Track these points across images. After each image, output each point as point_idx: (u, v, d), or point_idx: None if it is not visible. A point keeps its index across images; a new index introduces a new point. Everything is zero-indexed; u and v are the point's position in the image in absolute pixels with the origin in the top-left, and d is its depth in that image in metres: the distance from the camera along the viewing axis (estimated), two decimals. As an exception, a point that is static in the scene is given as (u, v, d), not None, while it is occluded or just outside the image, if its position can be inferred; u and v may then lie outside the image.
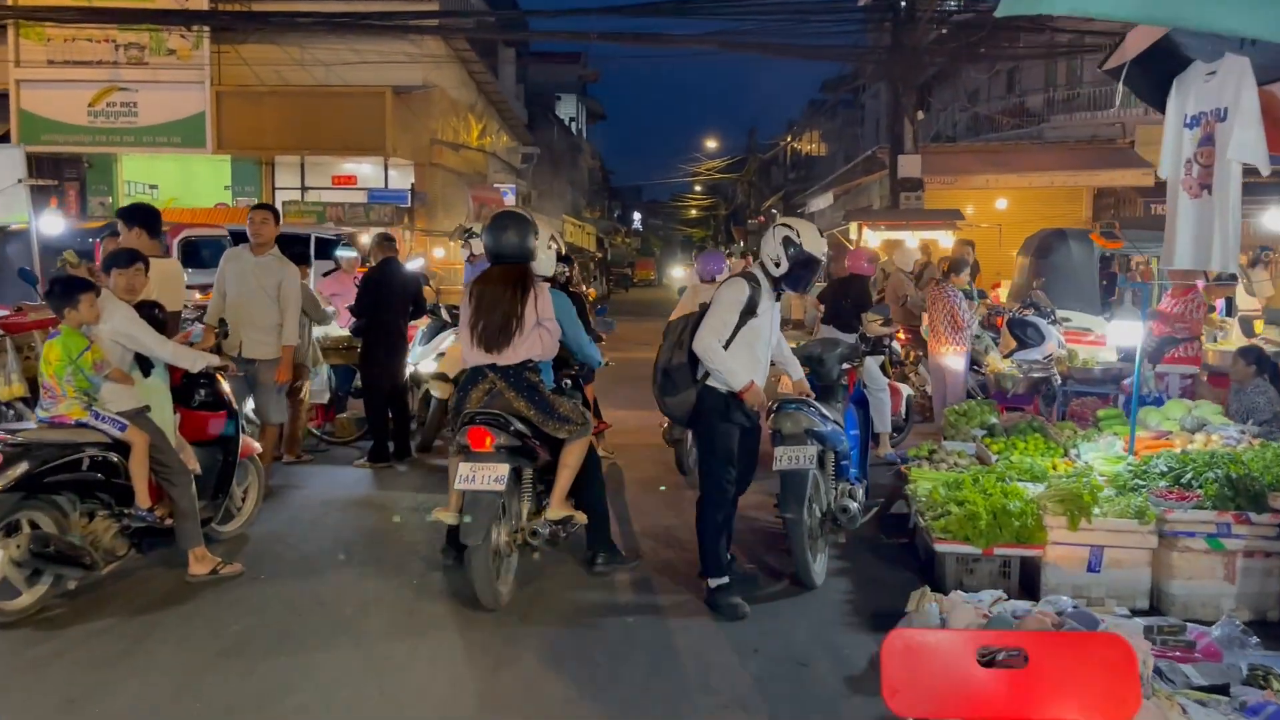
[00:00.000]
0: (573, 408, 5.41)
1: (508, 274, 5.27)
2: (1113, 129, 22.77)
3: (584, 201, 48.30)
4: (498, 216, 5.50)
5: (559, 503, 5.38)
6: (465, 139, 25.55)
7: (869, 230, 18.82)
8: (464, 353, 5.36)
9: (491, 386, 5.23)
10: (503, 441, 5.04)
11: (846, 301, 9.05)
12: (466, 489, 4.95)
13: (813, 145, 48.05)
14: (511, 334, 5.17)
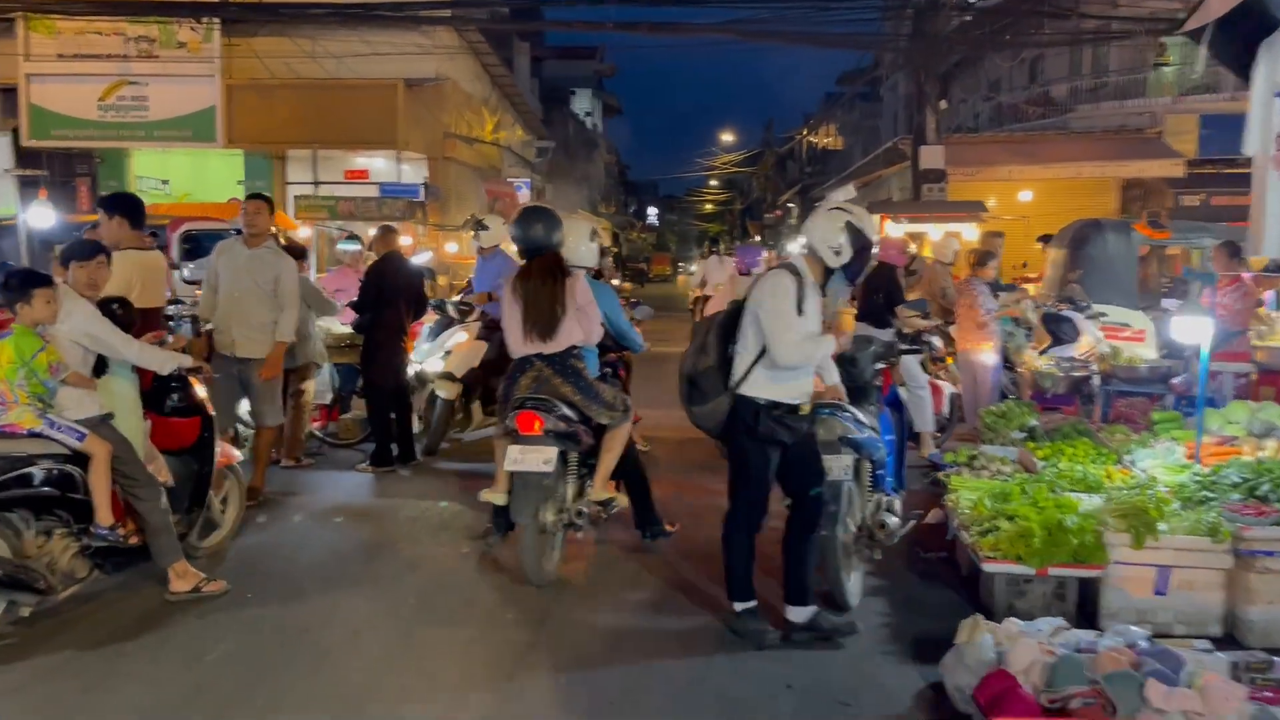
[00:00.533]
0: (614, 394, 5.68)
1: (543, 265, 5.49)
2: (1141, 118, 22.08)
3: (599, 196, 47.75)
4: (525, 213, 5.73)
5: (602, 485, 5.63)
6: (479, 132, 25.02)
7: (891, 222, 18.19)
8: (511, 346, 5.55)
9: (539, 374, 5.44)
10: (550, 425, 5.26)
11: (878, 295, 8.49)
12: (516, 470, 5.20)
13: (829, 139, 47.36)
14: (556, 322, 5.37)
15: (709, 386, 4.73)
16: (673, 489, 7.41)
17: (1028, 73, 26.81)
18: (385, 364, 8.04)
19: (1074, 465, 6.06)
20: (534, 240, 5.58)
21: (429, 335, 8.89)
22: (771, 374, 4.65)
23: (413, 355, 8.68)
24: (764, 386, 4.65)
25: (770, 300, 4.61)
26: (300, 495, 7.33)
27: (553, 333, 5.40)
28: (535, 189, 27.75)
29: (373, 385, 8.12)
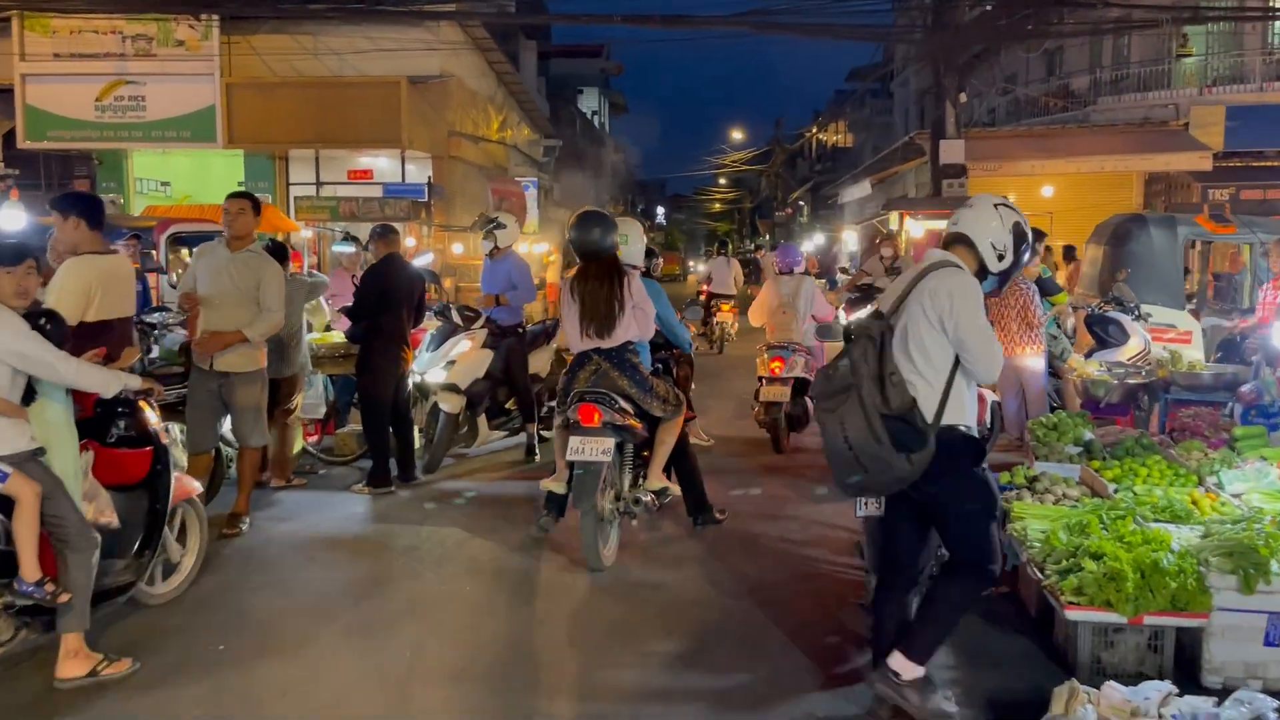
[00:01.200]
0: (668, 389, 5.89)
1: (602, 266, 5.66)
2: (1165, 110, 21.28)
3: (607, 196, 46.98)
4: (582, 217, 5.82)
5: (656, 475, 5.85)
6: (485, 131, 24.33)
7: (910, 220, 17.49)
8: (570, 342, 5.82)
9: (597, 368, 5.62)
10: (608, 418, 5.48)
11: None
12: (577, 460, 5.45)
13: (839, 136, 46.60)
14: (614, 319, 5.56)
15: (918, 421, 3.74)
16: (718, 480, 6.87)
17: (1045, 65, 26.03)
18: (383, 375, 7.36)
19: (1152, 489, 5.34)
20: (591, 244, 5.71)
21: (431, 344, 8.20)
22: (966, 394, 3.93)
23: (413, 365, 7.99)
24: (961, 410, 3.90)
25: (966, 306, 3.85)
26: (287, 522, 6.64)
27: (610, 329, 5.60)
28: (543, 188, 27.04)
29: (369, 398, 7.43)
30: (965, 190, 19.04)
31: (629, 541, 6.11)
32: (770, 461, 8.58)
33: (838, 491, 4.27)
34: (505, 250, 8.45)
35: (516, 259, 8.52)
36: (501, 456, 8.61)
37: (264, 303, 6.28)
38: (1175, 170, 20.51)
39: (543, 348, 8.88)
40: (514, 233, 8.44)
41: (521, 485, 7.64)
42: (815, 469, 8.45)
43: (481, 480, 7.83)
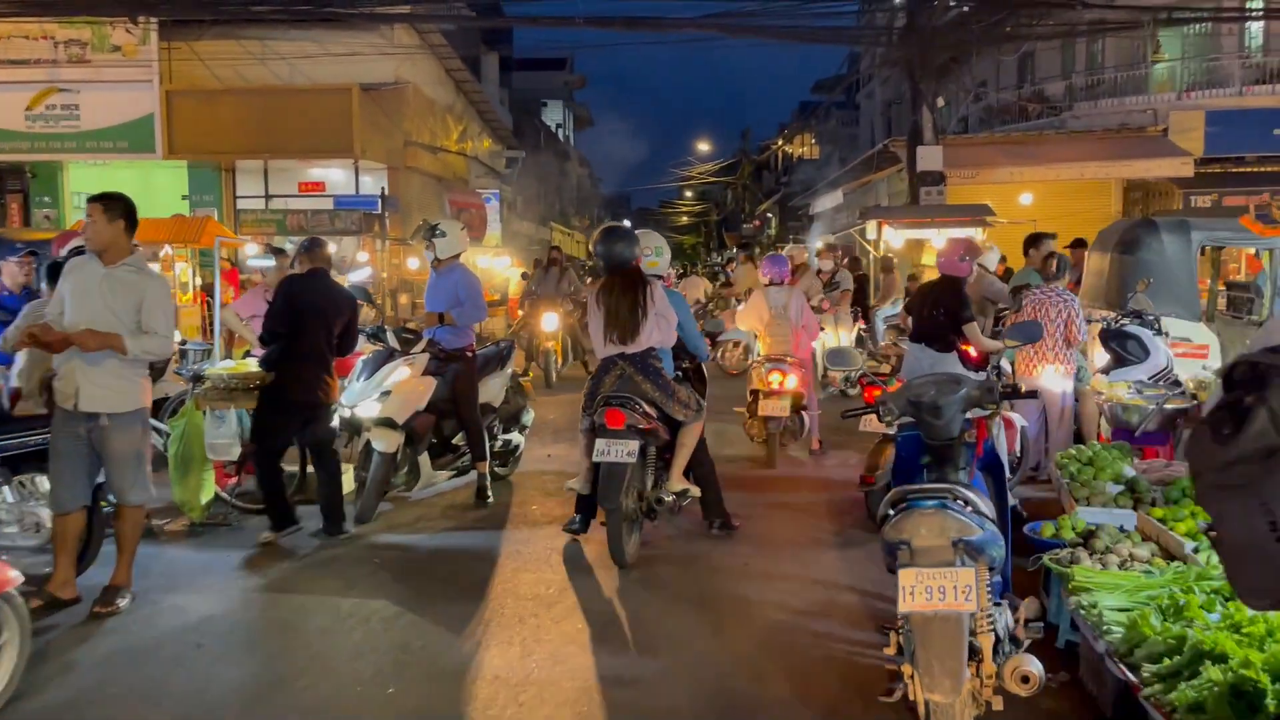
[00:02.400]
0: (689, 394, 6.13)
1: (627, 277, 5.89)
2: (1144, 115, 20.46)
3: (573, 209, 45.87)
4: (606, 232, 6.07)
5: (677, 477, 6.05)
6: (443, 141, 23.11)
7: (889, 229, 16.44)
8: (596, 348, 6.05)
9: (622, 372, 5.82)
10: (631, 421, 5.66)
11: (939, 311, 6.71)
12: (603, 461, 5.60)
13: (806, 148, 45.78)
14: (638, 325, 5.79)
15: None
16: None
17: (1016, 72, 25.21)
18: (295, 408, 6.17)
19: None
20: (616, 256, 5.91)
21: (363, 371, 6.98)
22: None
23: (342, 397, 6.78)
24: None
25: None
26: (177, 593, 5.38)
27: (634, 335, 5.81)
28: (505, 201, 25.84)
29: (268, 430, 6.24)
30: (944, 198, 18.07)
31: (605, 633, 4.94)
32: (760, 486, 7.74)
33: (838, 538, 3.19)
34: (450, 261, 7.29)
35: (464, 272, 7.35)
36: (449, 499, 7.40)
37: (148, 326, 5.07)
38: (1156, 177, 19.70)
39: (496, 373, 7.70)
40: (457, 241, 7.28)
41: (470, 538, 6.45)
42: (810, 496, 7.37)
43: (423, 532, 6.62)
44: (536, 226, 31.45)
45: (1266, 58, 20.76)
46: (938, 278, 6.96)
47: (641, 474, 5.93)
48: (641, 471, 5.93)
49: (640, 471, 5.91)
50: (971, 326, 6.69)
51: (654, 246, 6.53)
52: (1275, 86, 19.93)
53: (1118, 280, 8.93)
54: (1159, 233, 9.01)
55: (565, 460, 8.48)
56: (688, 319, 6.40)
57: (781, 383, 8.20)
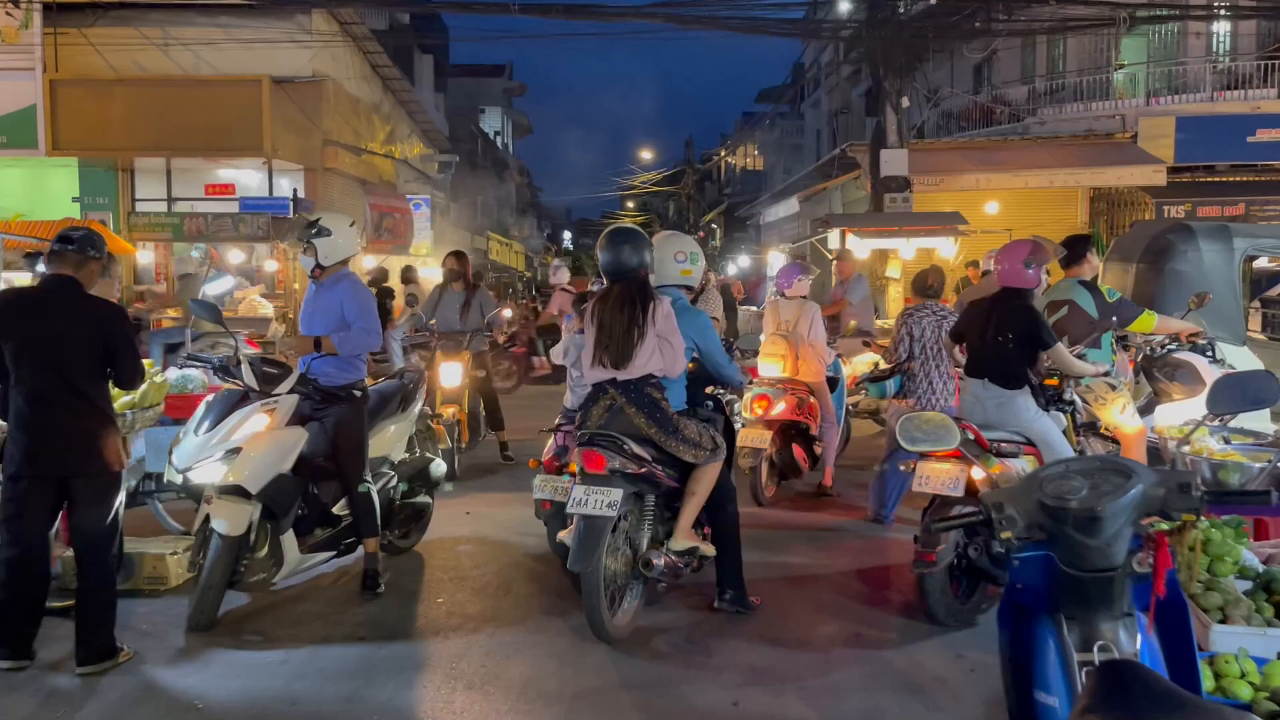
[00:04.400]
0: (699, 430, 4.88)
1: (626, 289, 4.79)
2: (1111, 122, 19.19)
3: (512, 219, 43.87)
4: (610, 235, 4.87)
5: (684, 533, 4.86)
6: (369, 143, 21.05)
7: (854, 237, 14.84)
8: (586, 371, 4.90)
9: (612, 402, 4.77)
10: (617, 465, 4.59)
11: (1006, 336, 4.99)
12: (578, 513, 4.56)
13: (750, 159, 44.38)
14: (632, 347, 4.70)
15: None
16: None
17: (973, 78, 23.89)
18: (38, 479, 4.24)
19: None
20: (619, 265, 4.81)
21: (204, 419, 5.03)
22: None
23: (173, 456, 4.85)
24: None
25: None
26: None
27: (627, 358, 4.71)
28: (436, 207, 23.80)
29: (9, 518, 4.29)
30: (910, 205, 16.57)
31: None
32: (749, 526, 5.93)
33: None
34: (335, 270, 5.40)
35: (352, 284, 5.46)
36: (327, 587, 5.48)
37: None
38: (1128, 185, 18.40)
39: (396, 416, 5.81)
40: (345, 243, 5.40)
41: (346, 659, 4.52)
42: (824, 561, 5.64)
43: (280, 644, 4.69)
44: (472, 235, 29.44)
45: (1235, 61, 19.65)
46: (995, 292, 5.25)
47: (639, 528, 4.86)
48: (639, 525, 4.86)
49: (636, 524, 4.84)
50: (1059, 351, 5.06)
51: (686, 252, 5.18)
52: (1247, 92, 18.79)
53: (1148, 295, 7.32)
54: (1196, 240, 7.45)
55: (492, 520, 6.63)
56: (709, 342, 5.08)
57: (765, 409, 7.02)
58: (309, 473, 5.12)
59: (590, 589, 4.52)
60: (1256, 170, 18.71)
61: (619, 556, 4.75)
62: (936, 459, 4.88)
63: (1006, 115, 20.91)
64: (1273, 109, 18.36)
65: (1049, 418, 5.15)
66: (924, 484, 4.85)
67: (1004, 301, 5.14)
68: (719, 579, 5.07)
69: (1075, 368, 5.20)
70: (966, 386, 5.28)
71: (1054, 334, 5.15)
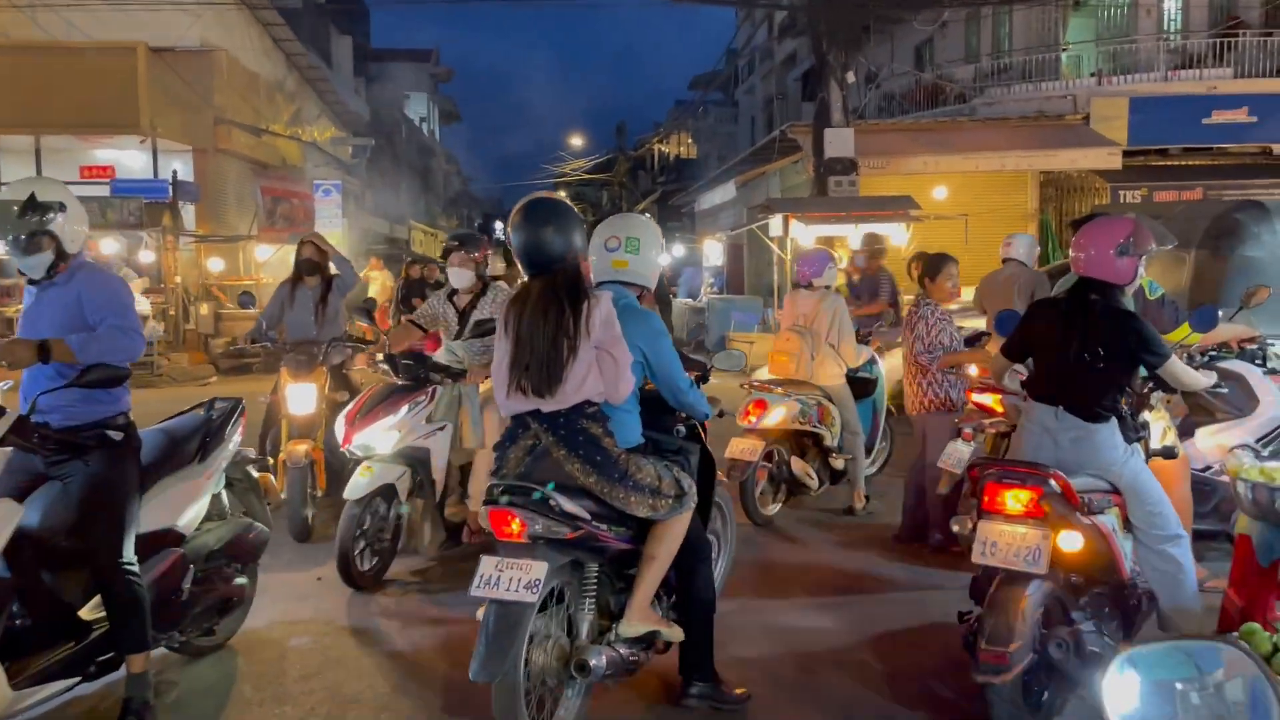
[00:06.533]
0: (659, 472, 3.45)
1: (550, 286, 3.37)
2: (1063, 102, 17.95)
3: (439, 209, 41.72)
4: (528, 208, 3.40)
5: (639, 612, 3.47)
6: (270, 123, 19.00)
7: (799, 223, 13.32)
8: (499, 400, 3.46)
9: (535, 443, 3.37)
10: (540, 529, 3.22)
11: (1096, 351, 3.43)
12: (487, 596, 3.17)
13: (684, 147, 42.82)
14: (560, 365, 3.29)
15: None
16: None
17: (914, 57, 22.56)
18: None
19: None
20: (544, 251, 3.36)
21: None
22: None
23: None
24: None
25: None
26: None
27: (553, 381, 3.30)
28: (350, 194, 21.79)
29: None
30: (856, 189, 15.10)
31: None
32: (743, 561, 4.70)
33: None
34: (73, 262, 3.60)
35: (92, 274, 3.63)
36: None
37: None
38: (1081, 169, 17.18)
39: (190, 469, 4.01)
40: (83, 219, 3.63)
41: None
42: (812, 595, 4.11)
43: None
44: (393, 225, 27.41)
45: (1187, 39, 18.56)
46: (1070, 289, 3.67)
47: (576, 605, 3.47)
48: (576, 602, 3.46)
49: (575, 601, 3.45)
50: (1174, 365, 3.64)
51: (621, 237, 3.70)
52: (1202, 72, 17.68)
53: (1211, 289, 5.84)
54: (1271, 220, 5.99)
55: (349, 593, 4.91)
56: (662, 355, 3.60)
57: (759, 416, 6.00)
58: (37, 560, 3.36)
59: (504, 707, 3.13)
60: (1212, 153, 17.64)
61: (550, 649, 3.35)
62: (1008, 518, 3.34)
63: (952, 96, 19.56)
64: (1229, 89, 17.28)
65: (1139, 457, 3.65)
66: (989, 554, 3.33)
67: (1087, 303, 3.57)
68: (683, 665, 3.71)
69: (1192, 380, 3.71)
70: (1030, 414, 3.71)
71: (1169, 349, 3.60)
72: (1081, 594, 3.61)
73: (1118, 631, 3.66)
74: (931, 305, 5.70)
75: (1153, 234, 3.64)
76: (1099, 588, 3.63)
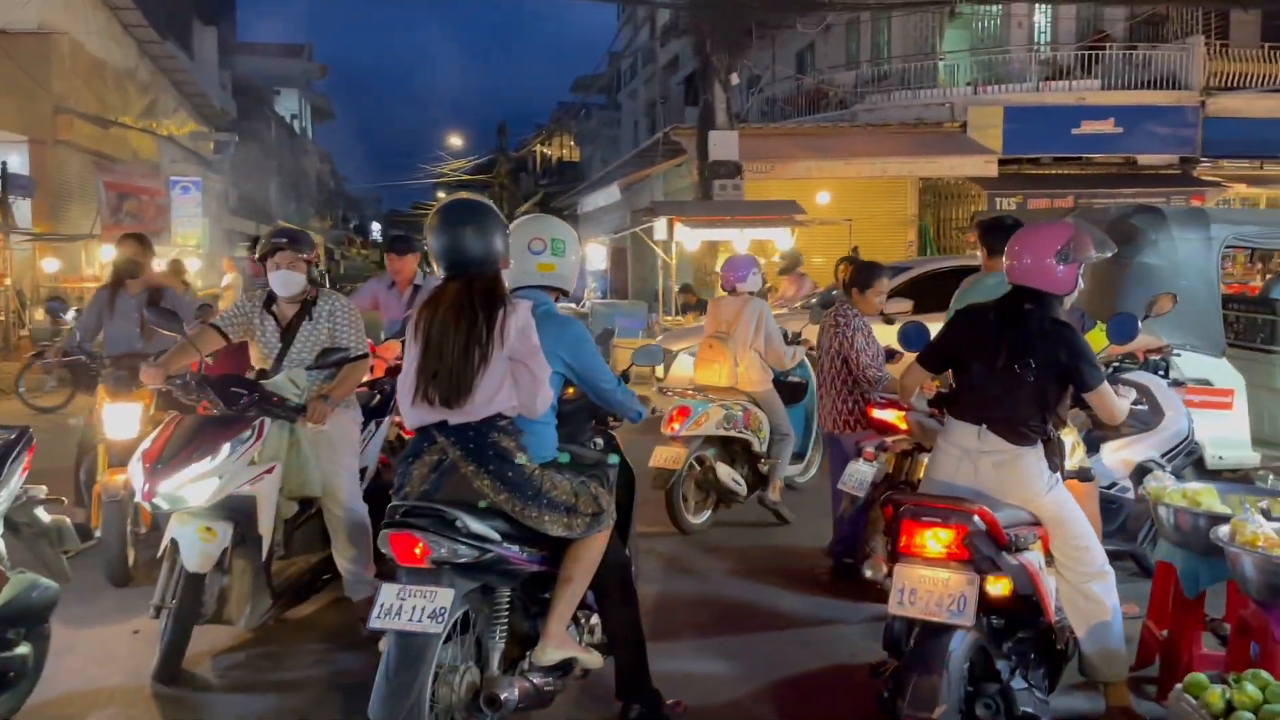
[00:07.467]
0: (575, 489, 3.24)
1: (465, 290, 3.16)
2: (941, 110, 18.14)
3: (312, 209, 40.11)
4: (447, 210, 3.23)
5: (554, 638, 3.24)
6: (119, 114, 17.65)
7: (683, 227, 12.93)
8: (405, 411, 3.25)
9: (441, 459, 3.16)
10: (445, 553, 2.97)
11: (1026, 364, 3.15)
12: (388, 628, 2.94)
13: (566, 150, 42.30)
14: (471, 375, 3.09)
15: None
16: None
17: (794, 64, 22.57)
18: None
19: None
20: (464, 254, 3.16)
21: None
22: None
23: None
24: None
25: None
26: None
27: (463, 391, 3.10)
28: (211, 192, 20.48)
29: None
30: (740, 193, 14.85)
31: None
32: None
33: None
34: None
35: None
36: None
37: None
38: (958, 176, 17.39)
39: None
40: None
41: None
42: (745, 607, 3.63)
43: None
44: (260, 225, 26.03)
45: (1056, 51, 19.01)
46: (1007, 293, 3.29)
47: (490, 636, 3.22)
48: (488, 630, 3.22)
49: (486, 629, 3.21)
50: (1105, 393, 3.27)
51: (546, 238, 3.51)
52: (1072, 83, 18.10)
53: (1109, 297, 5.62)
54: (1168, 226, 5.83)
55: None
56: (585, 358, 3.45)
57: (682, 422, 5.89)
58: None
59: None
60: (1081, 163, 18.10)
61: (458, 683, 3.10)
62: (928, 561, 2.94)
63: (834, 102, 19.58)
64: (1097, 100, 17.75)
65: (1062, 485, 3.30)
66: (907, 603, 2.93)
67: (1022, 313, 3.19)
68: (620, 688, 3.49)
69: (1120, 411, 3.35)
70: (948, 434, 3.32)
71: (1101, 370, 3.25)
72: (1005, 639, 3.23)
73: (1043, 680, 3.30)
74: (861, 315, 5.36)
75: (1092, 240, 3.29)
76: (1024, 631, 3.26)
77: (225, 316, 4.26)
